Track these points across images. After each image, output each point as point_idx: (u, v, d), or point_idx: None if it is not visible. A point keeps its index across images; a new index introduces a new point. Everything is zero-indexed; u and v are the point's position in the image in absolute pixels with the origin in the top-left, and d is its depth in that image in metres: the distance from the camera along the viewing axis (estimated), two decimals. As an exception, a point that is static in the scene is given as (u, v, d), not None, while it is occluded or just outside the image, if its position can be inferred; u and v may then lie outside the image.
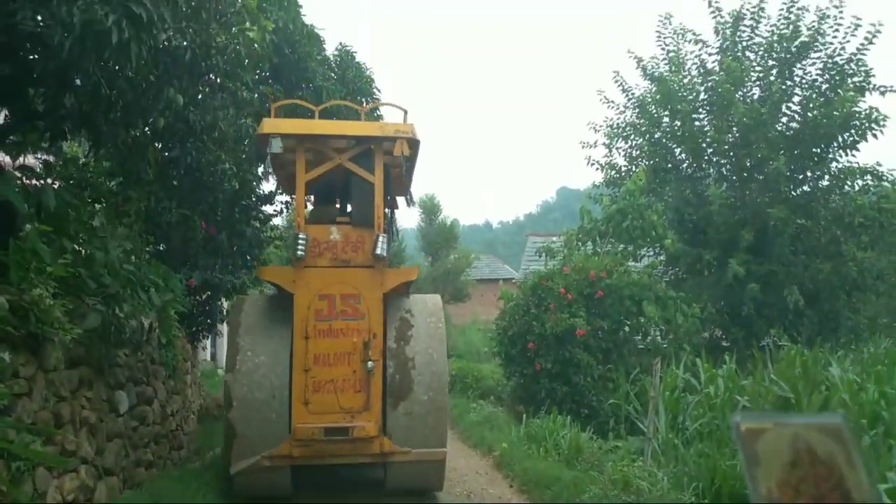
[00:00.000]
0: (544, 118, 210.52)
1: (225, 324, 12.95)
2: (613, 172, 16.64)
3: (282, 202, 11.95)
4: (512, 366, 12.57)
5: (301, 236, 6.55)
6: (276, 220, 12.40)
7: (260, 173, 11.35)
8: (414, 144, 6.75)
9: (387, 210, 7.73)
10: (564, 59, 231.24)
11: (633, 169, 17.04)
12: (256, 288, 11.53)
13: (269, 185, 11.45)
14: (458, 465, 8.64)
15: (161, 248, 9.90)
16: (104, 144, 7.29)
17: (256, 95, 9.34)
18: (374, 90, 11.31)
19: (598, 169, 16.80)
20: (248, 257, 10.76)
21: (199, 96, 7.03)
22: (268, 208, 11.80)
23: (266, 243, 11.40)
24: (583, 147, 16.56)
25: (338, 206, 7.70)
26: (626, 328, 12.37)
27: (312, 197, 7.88)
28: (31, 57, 5.43)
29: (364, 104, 11.15)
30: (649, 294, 12.35)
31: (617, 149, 16.52)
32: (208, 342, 17.65)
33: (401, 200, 8.55)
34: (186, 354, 9.53)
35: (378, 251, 6.54)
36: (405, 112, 7.02)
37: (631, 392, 10.60)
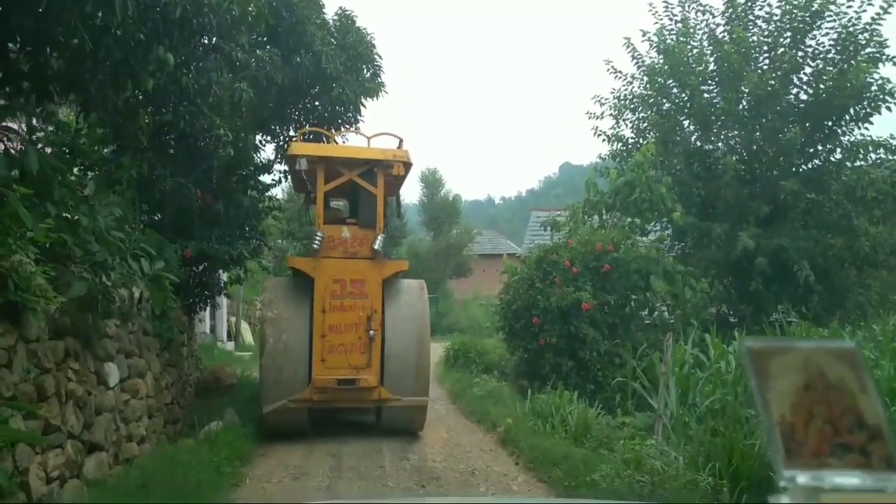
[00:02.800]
0: (547, 92, 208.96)
1: (223, 296, 12.77)
2: (620, 145, 16.29)
3: (280, 171, 11.65)
4: (516, 340, 12.33)
5: (319, 234, 8.41)
6: (276, 191, 12.08)
7: (258, 141, 11.05)
8: (408, 167, 8.69)
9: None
10: (568, 31, 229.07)
11: (641, 142, 16.70)
12: (255, 259, 11.26)
13: (266, 154, 11.15)
14: (461, 441, 8.42)
15: (157, 218, 9.63)
16: (94, 108, 6.99)
17: (253, 61, 9.02)
18: (375, 56, 10.94)
19: (604, 140, 16.42)
20: (246, 227, 10.47)
21: (192, 57, 6.69)
22: (265, 179, 11.55)
23: (264, 213, 11.09)
24: (589, 118, 16.15)
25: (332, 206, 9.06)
26: (633, 303, 12.11)
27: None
28: (6, 10, 5.09)
29: (364, 70, 10.84)
30: (657, 268, 12.07)
31: (624, 120, 16.16)
32: (207, 314, 17.43)
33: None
34: (182, 326, 9.31)
35: (376, 247, 8.43)
36: (400, 140, 8.88)
37: (638, 368, 10.35)
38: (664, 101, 15.26)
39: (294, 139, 9.03)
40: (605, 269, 11.65)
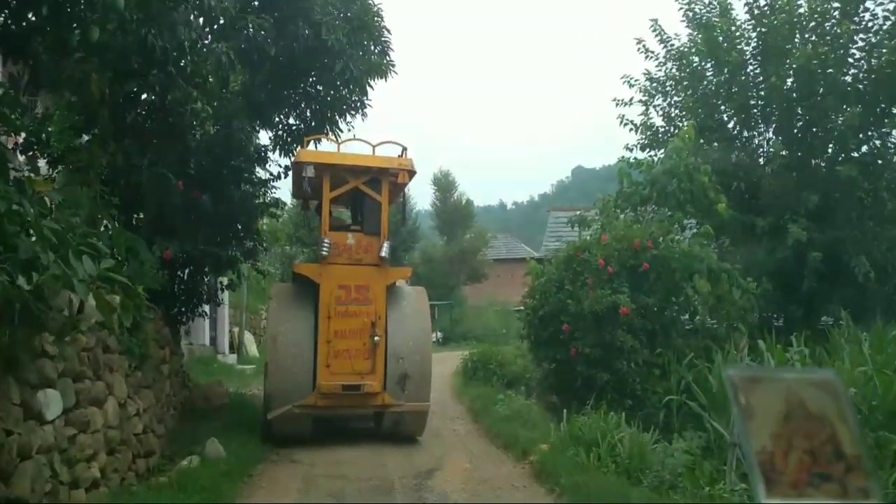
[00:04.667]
0: (559, 94, 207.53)
1: (220, 304, 11.50)
2: (649, 134, 15.01)
3: (280, 165, 10.40)
4: (543, 350, 11.02)
5: (327, 240, 8.43)
6: (278, 187, 10.82)
7: (252, 128, 9.83)
8: (412, 175, 8.75)
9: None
10: (579, 28, 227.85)
11: (672, 130, 15.43)
12: (248, 261, 10.01)
13: (263, 144, 9.90)
14: (487, 474, 7.04)
15: (136, 216, 8.42)
16: (43, 77, 5.79)
17: (241, 28, 7.78)
18: (384, 30, 9.68)
19: (631, 130, 15.19)
20: (239, 226, 9.22)
21: (157, 8, 5.42)
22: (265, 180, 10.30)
23: (260, 211, 9.83)
24: (616, 105, 14.88)
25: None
26: (675, 306, 10.77)
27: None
28: None
29: (371, 46, 9.64)
30: (701, 266, 10.74)
31: (654, 107, 14.86)
32: (206, 325, 16.20)
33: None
34: (163, 340, 8.06)
35: (383, 254, 8.49)
36: (404, 148, 8.93)
37: (687, 379, 9.01)
38: (699, 84, 13.92)
39: (299, 145, 9.17)
40: (644, 267, 10.33)
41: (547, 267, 11.32)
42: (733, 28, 13.29)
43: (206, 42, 6.78)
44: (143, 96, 7.09)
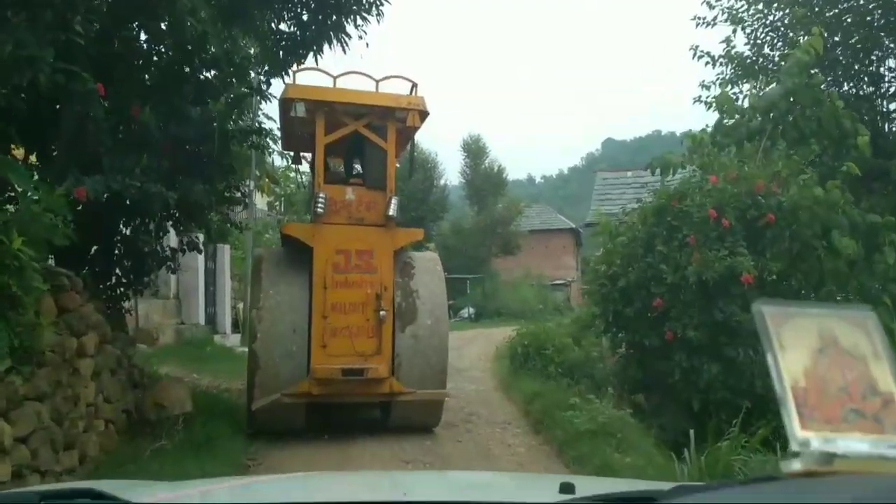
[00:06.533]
0: (588, 64, 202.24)
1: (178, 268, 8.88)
2: (735, 64, 12.21)
3: (262, 80, 7.70)
4: (624, 333, 8.29)
5: (321, 195, 7.08)
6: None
7: (229, 34, 7.14)
8: (424, 116, 7.45)
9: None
10: None
11: (760, 61, 12.55)
12: (218, 209, 7.36)
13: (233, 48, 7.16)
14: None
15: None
16: None
17: None
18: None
19: (707, 63, 12.41)
20: (205, 159, 6.55)
21: None
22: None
23: (235, 139, 7.16)
24: (697, 25, 12.04)
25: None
26: (800, 274, 7.95)
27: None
28: None
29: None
30: (842, 219, 7.89)
31: (742, 29, 12.01)
32: (201, 299, 13.67)
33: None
34: (81, 323, 5.42)
35: (391, 212, 7.19)
36: (414, 84, 7.50)
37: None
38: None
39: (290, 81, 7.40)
40: (768, 219, 7.49)
41: (629, 221, 8.50)
42: None
43: None
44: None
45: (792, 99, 8.58)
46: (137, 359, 7.69)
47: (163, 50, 6.20)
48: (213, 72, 6.74)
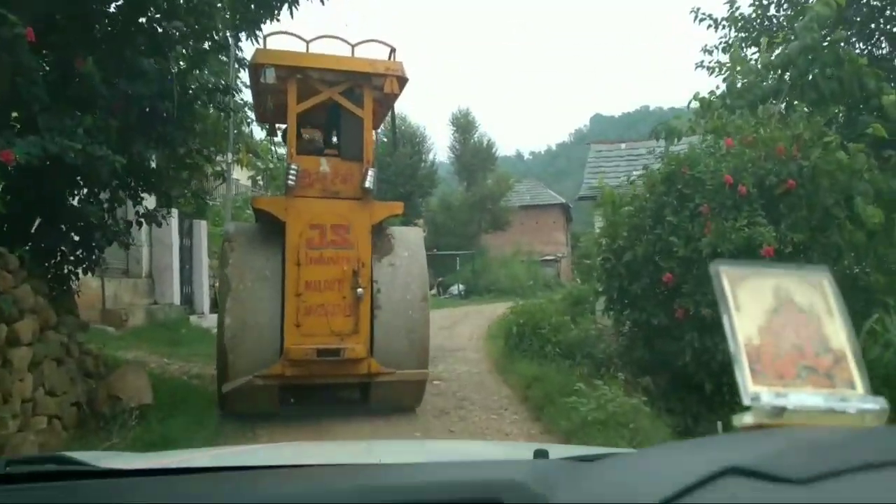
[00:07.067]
0: (575, 40, 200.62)
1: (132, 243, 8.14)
2: (740, 25, 11.60)
3: (231, 35, 6.94)
4: (630, 311, 7.64)
5: (293, 166, 6.76)
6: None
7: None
8: (402, 82, 7.04)
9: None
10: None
11: (765, 24, 11.91)
12: (179, 177, 6.63)
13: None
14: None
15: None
16: None
17: None
18: None
19: (710, 26, 11.79)
20: (157, 114, 5.78)
21: None
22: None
23: (199, 98, 6.41)
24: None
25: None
26: (824, 244, 7.32)
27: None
28: None
29: None
30: (865, 186, 7.25)
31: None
32: (176, 276, 12.94)
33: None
34: (26, 305, 4.70)
35: (367, 184, 6.82)
36: (393, 49, 7.13)
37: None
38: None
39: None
40: (788, 186, 6.83)
41: (633, 191, 7.82)
42: None
43: None
44: None
45: (811, 57, 7.87)
46: (97, 344, 7.00)
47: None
48: (171, 20, 5.95)
